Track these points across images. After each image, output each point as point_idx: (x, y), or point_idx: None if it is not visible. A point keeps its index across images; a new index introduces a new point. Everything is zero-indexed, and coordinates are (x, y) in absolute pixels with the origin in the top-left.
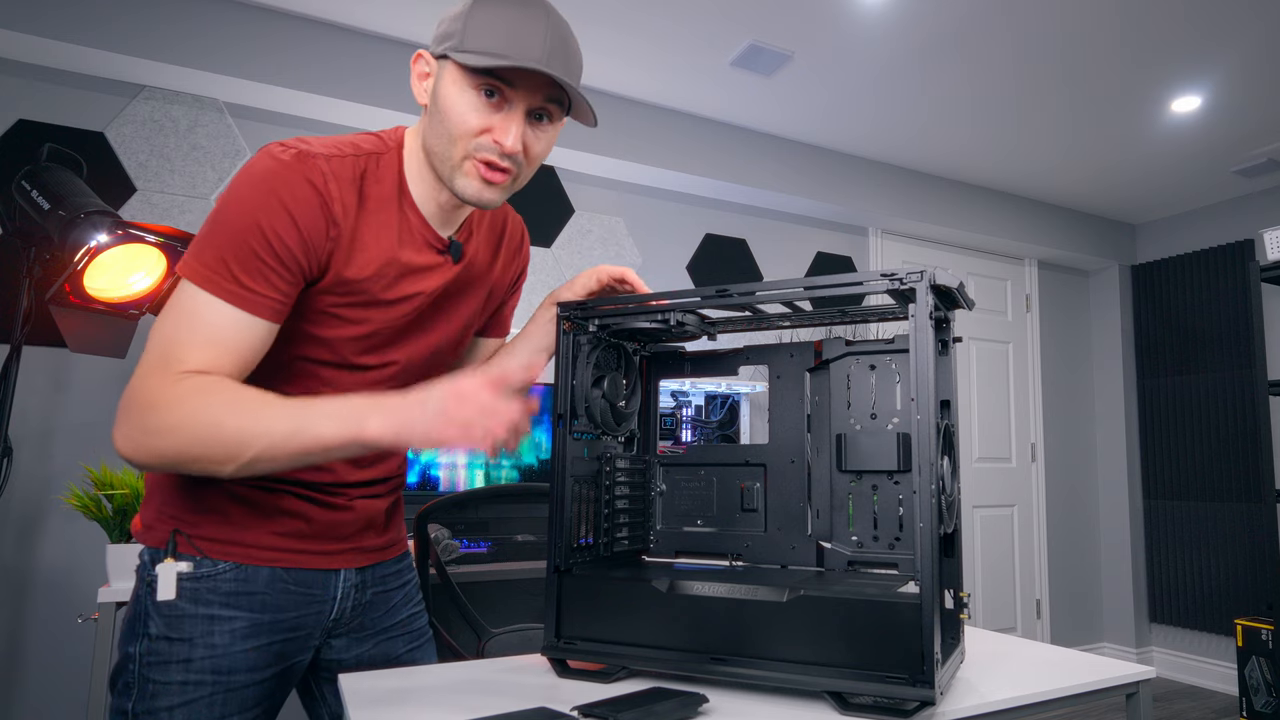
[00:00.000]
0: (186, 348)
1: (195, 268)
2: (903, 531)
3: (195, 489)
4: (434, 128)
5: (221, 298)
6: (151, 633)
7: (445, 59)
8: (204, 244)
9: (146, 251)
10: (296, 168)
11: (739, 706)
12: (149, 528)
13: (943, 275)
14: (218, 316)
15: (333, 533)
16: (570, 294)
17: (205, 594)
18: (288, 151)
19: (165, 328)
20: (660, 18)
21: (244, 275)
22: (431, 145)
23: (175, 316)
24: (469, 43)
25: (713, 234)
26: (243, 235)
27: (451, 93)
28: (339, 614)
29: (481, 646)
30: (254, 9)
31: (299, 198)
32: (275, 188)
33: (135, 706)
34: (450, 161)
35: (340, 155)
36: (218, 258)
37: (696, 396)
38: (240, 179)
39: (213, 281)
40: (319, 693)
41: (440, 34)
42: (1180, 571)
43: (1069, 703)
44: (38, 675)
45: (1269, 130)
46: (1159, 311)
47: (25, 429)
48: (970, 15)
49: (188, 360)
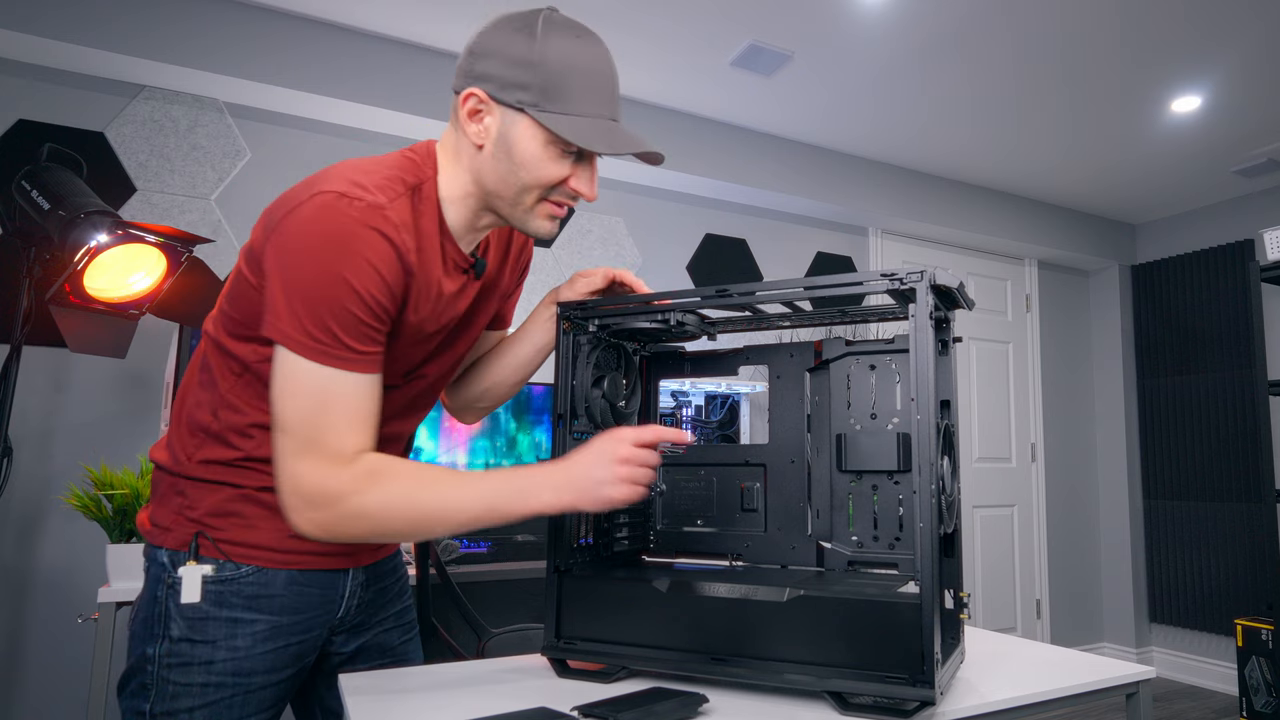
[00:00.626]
0: (333, 430)
1: (303, 341)
2: (903, 531)
3: (214, 494)
4: (503, 175)
5: (340, 368)
6: (173, 634)
7: (519, 111)
8: (299, 312)
9: (146, 251)
10: (369, 222)
11: (739, 706)
12: (167, 529)
13: (943, 275)
14: (345, 387)
15: None
16: (570, 293)
17: (229, 597)
18: (354, 205)
19: (298, 408)
20: (660, 18)
21: (352, 340)
22: (496, 188)
23: (304, 396)
24: (554, 103)
25: (713, 234)
26: (339, 300)
27: (531, 148)
28: (346, 611)
29: (481, 646)
30: (254, 9)
31: (380, 253)
32: (356, 247)
33: (154, 708)
34: (522, 206)
35: (397, 197)
36: (322, 327)
37: (696, 396)
38: (311, 238)
39: (327, 354)
40: (312, 686)
41: (503, 78)
42: (1180, 571)
43: (1069, 703)
44: (38, 675)
45: (1269, 130)
46: (1159, 311)
47: (25, 429)
48: (970, 15)
49: (341, 442)
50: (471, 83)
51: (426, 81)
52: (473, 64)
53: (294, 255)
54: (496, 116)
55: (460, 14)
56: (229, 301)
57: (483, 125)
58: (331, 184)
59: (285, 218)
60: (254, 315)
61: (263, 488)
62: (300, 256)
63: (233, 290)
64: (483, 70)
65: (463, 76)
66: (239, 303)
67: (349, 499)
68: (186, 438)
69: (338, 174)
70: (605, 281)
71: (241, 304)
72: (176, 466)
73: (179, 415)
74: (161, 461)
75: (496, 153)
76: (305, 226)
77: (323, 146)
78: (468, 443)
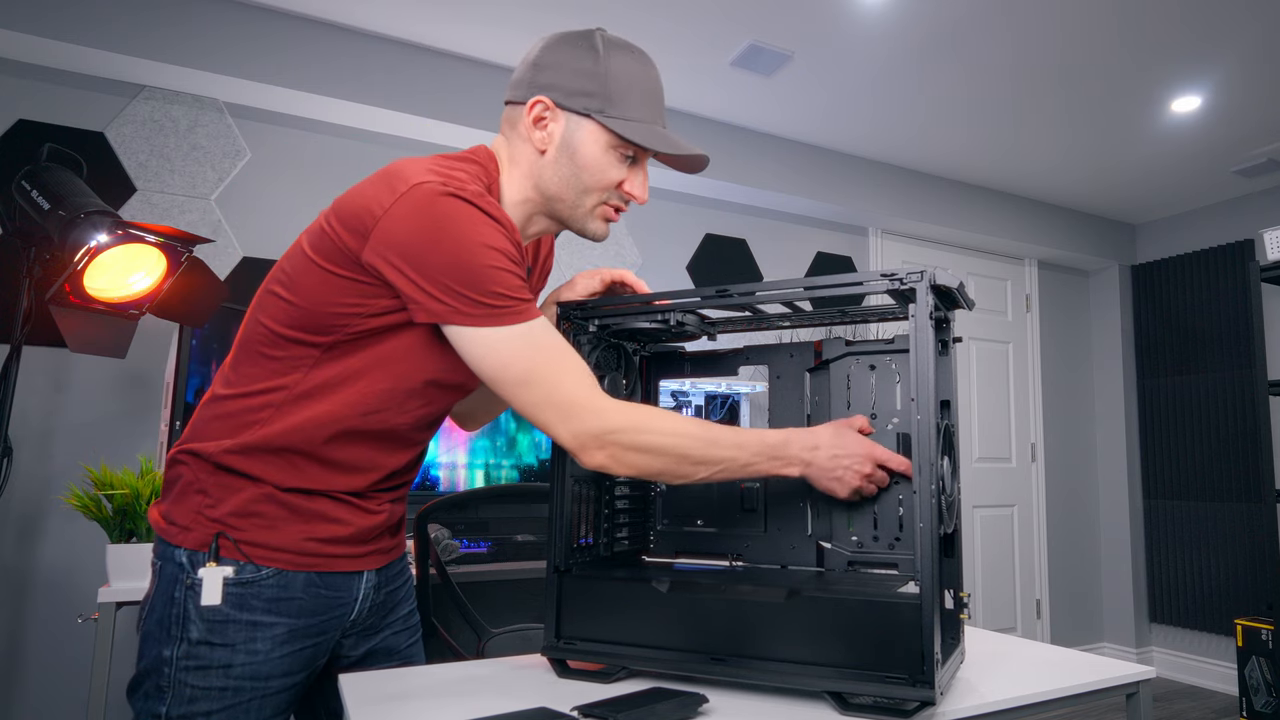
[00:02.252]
0: (569, 378)
1: (475, 313)
2: (903, 531)
3: (238, 494)
4: (566, 178)
5: (522, 321)
6: (192, 637)
7: (585, 116)
8: (459, 290)
9: (146, 251)
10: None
11: (739, 706)
12: (186, 529)
13: (943, 275)
14: (539, 337)
15: (363, 536)
16: (570, 294)
17: (250, 600)
18: (463, 189)
19: (520, 375)
20: (660, 18)
21: (515, 293)
22: (557, 191)
23: (518, 361)
24: (618, 109)
25: (713, 234)
26: (488, 264)
27: (594, 151)
28: (358, 614)
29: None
30: (254, 9)
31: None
32: (474, 216)
33: (170, 711)
34: (582, 209)
35: (485, 192)
36: (487, 293)
37: (696, 396)
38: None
39: (508, 313)
40: (319, 688)
41: (568, 87)
42: (1180, 571)
43: (1069, 703)
44: (38, 675)
45: (1269, 130)
46: (1159, 311)
47: (25, 429)
48: (970, 15)
49: (588, 390)
50: (537, 91)
51: (426, 81)
52: (536, 75)
53: (424, 243)
54: (561, 123)
55: (460, 14)
56: (297, 295)
57: (547, 131)
58: (422, 176)
59: (389, 214)
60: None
61: (288, 488)
62: (431, 241)
63: (302, 283)
64: (548, 81)
65: (526, 87)
66: (314, 295)
67: (627, 433)
68: (225, 425)
69: (421, 168)
70: (605, 284)
71: (318, 298)
72: (208, 452)
73: (216, 405)
74: (191, 448)
75: (559, 157)
76: (421, 215)
77: (323, 146)
78: (467, 442)
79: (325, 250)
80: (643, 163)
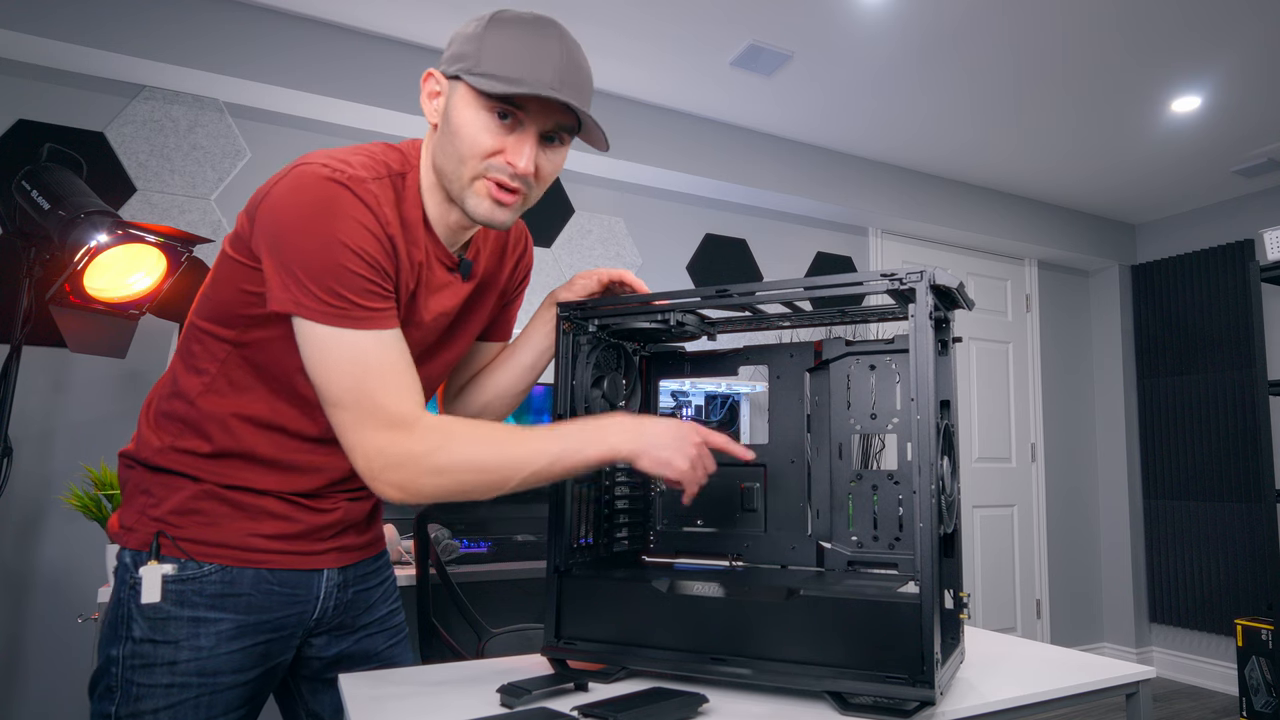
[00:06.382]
0: (384, 392)
1: (317, 307)
2: (903, 531)
3: (179, 492)
4: (445, 147)
5: (361, 328)
6: (135, 635)
7: (458, 80)
8: (303, 280)
9: (146, 251)
10: (351, 189)
11: (739, 706)
12: (129, 530)
13: (942, 275)
14: (373, 345)
15: (316, 533)
16: (570, 294)
17: (191, 596)
18: (338, 174)
19: (340, 378)
20: (660, 18)
21: (360, 298)
22: (441, 164)
23: (341, 364)
24: (484, 66)
25: (713, 234)
26: (338, 261)
27: (465, 114)
28: (322, 613)
29: (481, 646)
30: (254, 9)
31: (364, 215)
32: (342, 208)
33: (119, 710)
34: (460, 181)
35: (379, 177)
36: (330, 291)
37: (696, 396)
38: (299, 207)
39: (345, 315)
40: (296, 690)
41: (453, 54)
42: (1180, 571)
43: (1069, 703)
44: (38, 675)
45: (1269, 130)
46: (1159, 311)
47: (25, 429)
48: (970, 15)
49: (399, 404)
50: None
51: None
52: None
53: (285, 227)
54: (445, 92)
55: (460, 14)
56: (212, 287)
57: (434, 105)
58: (311, 159)
59: (269, 194)
60: (239, 296)
61: (229, 485)
62: (292, 227)
63: (216, 275)
64: (446, 55)
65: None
66: (223, 285)
67: (424, 458)
68: (159, 426)
69: (317, 154)
70: (604, 284)
71: (226, 287)
72: (144, 455)
73: (151, 407)
74: (128, 451)
75: (443, 128)
76: (290, 197)
77: (323, 146)
78: None
79: (234, 238)
80: (529, 130)
